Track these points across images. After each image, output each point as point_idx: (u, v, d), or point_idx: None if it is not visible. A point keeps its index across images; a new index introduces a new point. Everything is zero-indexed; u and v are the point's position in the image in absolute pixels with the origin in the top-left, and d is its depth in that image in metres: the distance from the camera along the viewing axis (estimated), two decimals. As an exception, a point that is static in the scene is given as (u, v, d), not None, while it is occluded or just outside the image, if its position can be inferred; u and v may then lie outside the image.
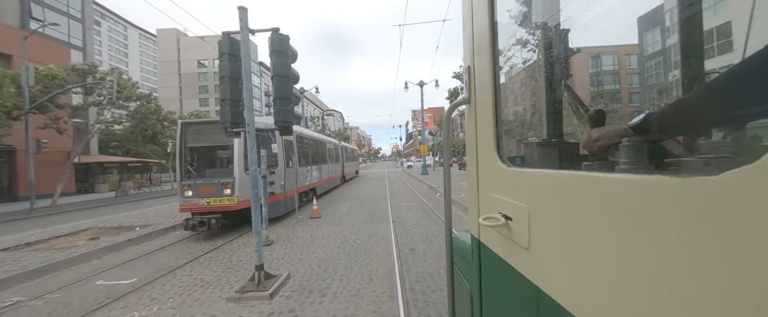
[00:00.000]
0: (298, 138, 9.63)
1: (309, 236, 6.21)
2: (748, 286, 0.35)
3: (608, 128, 0.97)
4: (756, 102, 0.47)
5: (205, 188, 6.48)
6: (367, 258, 4.79)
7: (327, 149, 14.43)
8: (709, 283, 0.39)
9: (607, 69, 1.44)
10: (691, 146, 0.76)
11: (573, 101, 1.18)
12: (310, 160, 10.96)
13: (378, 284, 3.80)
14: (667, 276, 0.44)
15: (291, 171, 8.44)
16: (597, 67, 1.48)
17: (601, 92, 1.59)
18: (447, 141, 1.27)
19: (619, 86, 1.47)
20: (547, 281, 0.73)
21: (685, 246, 0.42)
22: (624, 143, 0.70)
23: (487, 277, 1.07)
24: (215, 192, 6.42)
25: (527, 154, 1.18)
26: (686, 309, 0.42)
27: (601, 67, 1.46)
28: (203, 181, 6.58)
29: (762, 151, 0.34)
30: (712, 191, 0.39)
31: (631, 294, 0.51)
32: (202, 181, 6.58)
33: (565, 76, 1.28)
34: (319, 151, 12.60)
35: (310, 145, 11.44)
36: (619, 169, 0.69)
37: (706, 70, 0.92)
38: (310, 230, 6.78)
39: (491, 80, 0.98)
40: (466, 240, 1.31)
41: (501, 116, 0.99)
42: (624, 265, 0.52)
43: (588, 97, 1.41)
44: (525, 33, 1.34)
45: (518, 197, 0.84)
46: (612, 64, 1.43)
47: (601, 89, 1.59)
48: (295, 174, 8.80)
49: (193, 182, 6.54)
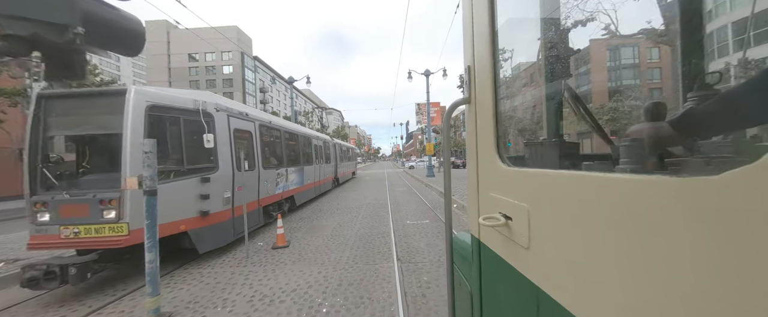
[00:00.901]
0: (262, 128, 6.81)
1: (251, 295, 3.44)
2: (748, 286, 0.35)
3: (651, 125, 0.95)
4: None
5: (70, 209, 3.65)
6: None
7: (313, 147, 11.34)
8: (709, 283, 0.39)
9: (626, 63, 1.43)
10: (691, 146, 0.76)
11: (573, 100, 1.18)
12: (283, 160, 8.02)
13: None
14: (667, 276, 0.44)
15: (247, 177, 5.77)
16: (615, 60, 1.47)
17: (620, 88, 1.57)
18: (447, 141, 1.27)
19: (639, 81, 1.46)
20: (547, 281, 0.73)
21: (685, 245, 0.42)
22: (624, 143, 0.71)
23: (487, 277, 1.07)
24: (89, 216, 3.62)
25: (527, 154, 1.18)
26: (686, 309, 0.42)
27: (619, 60, 1.45)
28: (69, 196, 3.67)
29: (762, 151, 0.34)
30: (712, 191, 0.39)
31: (631, 294, 0.51)
32: (68, 196, 3.67)
33: (565, 75, 1.29)
34: (299, 148, 9.58)
35: (283, 139, 8.24)
36: (618, 169, 0.69)
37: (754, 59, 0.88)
38: (261, 276, 3.97)
39: (491, 80, 0.98)
40: (466, 240, 1.31)
41: (501, 116, 0.99)
42: (624, 265, 0.52)
43: (604, 89, 1.39)
44: (525, 33, 1.34)
45: (518, 197, 0.84)
46: (631, 57, 1.41)
47: (620, 85, 1.58)
48: (257, 180, 6.24)
49: (51, 197, 3.66)
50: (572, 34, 1.26)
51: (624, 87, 1.79)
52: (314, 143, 11.68)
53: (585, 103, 1.17)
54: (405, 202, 10.12)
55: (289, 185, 8.28)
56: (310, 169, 10.49)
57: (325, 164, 13.08)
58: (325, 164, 13.25)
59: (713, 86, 0.95)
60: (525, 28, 1.34)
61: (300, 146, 9.79)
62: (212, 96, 5.29)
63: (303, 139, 10.18)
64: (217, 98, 5.34)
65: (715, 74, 0.98)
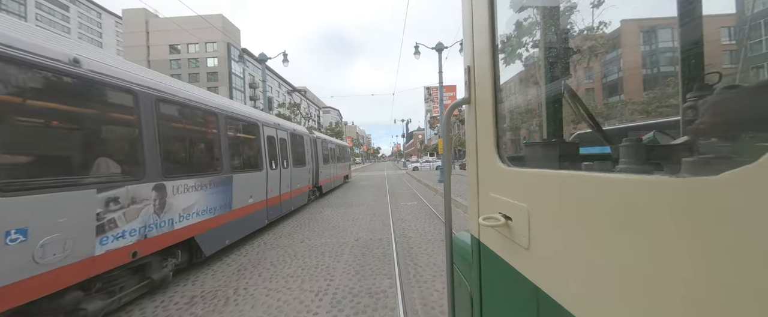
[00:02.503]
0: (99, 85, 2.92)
1: None
2: (748, 286, 0.35)
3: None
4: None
5: None
6: None
7: (264, 141, 6.57)
8: (709, 283, 0.39)
9: (626, 62, 1.43)
10: (691, 146, 0.76)
11: (573, 100, 1.18)
12: (144, 163, 3.37)
13: None
14: (667, 276, 0.45)
15: None
16: (615, 59, 1.47)
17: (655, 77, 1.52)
18: (447, 141, 1.28)
19: (639, 79, 1.46)
20: (547, 281, 0.73)
21: (685, 245, 0.42)
22: (624, 143, 0.71)
23: (487, 277, 1.08)
24: None
25: (527, 154, 1.18)
26: (686, 309, 0.42)
27: (619, 60, 1.44)
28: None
29: (762, 151, 0.34)
30: (712, 191, 0.39)
31: (631, 294, 0.51)
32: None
33: (565, 75, 1.29)
34: (224, 142, 4.96)
35: (177, 120, 4.12)
36: (619, 169, 0.69)
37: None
38: None
39: (491, 80, 0.98)
40: (466, 240, 1.31)
41: (501, 116, 0.99)
42: (624, 265, 0.52)
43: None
44: (525, 33, 1.34)
45: (518, 197, 0.84)
46: (632, 56, 1.40)
47: (620, 83, 1.57)
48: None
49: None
50: (572, 34, 1.26)
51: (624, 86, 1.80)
52: (266, 133, 6.67)
53: (585, 102, 1.17)
54: (420, 234, 5.64)
55: (161, 228, 3.49)
56: (251, 179, 5.74)
57: (294, 169, 8.38)
58: (296, 169, 8.58)
59: (713, 85, 0.95)
60: (525, 28, 1.34)
61: (221, 138, 4.87)
62: None
63: (219, 120, 4.88)
64: None
65: (715, 74, 0.99)
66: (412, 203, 9.47)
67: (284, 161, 7.78)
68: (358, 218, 7.57)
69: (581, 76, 1.55)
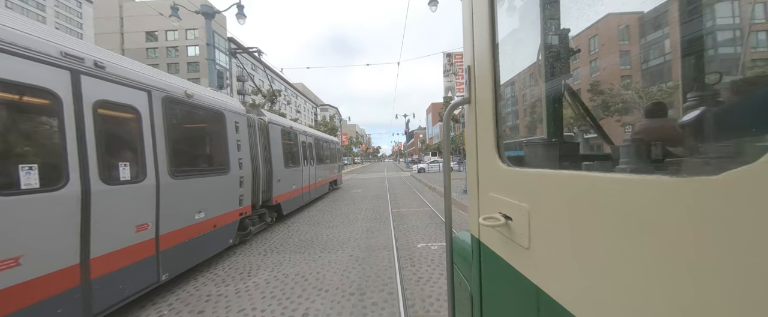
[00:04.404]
0: None
1: None
2: (748, 286, 0.36)
3: (657, 121, 0.94)
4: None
5: None
6: None
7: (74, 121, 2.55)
8: (709, 283, 0.39)
9: (626, 62, 1.42)
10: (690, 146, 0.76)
11: (573, 100, 1.18)
12: None
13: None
14: (667, 276, 0.45)
15: None
16: (615, 59, 1.47)
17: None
18: (447, 140, 1.28)
19: (639, 80, 1.45)
20: (547, 281, 0.73)
21: (685, 245, 0.42)
22: (624, 142, 0.71)
23: (487, 277, 1.08)
24: None
25: (527, 154, 1.18)
26: (686, 309, 0.42)
27: (620, 59, 1.44)
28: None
29: (762, 151, 0.34)
30: (712, 191, 0.39)
31: (631, 294, 0.51)
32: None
33: (565, 75, 1.29)
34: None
35: None
36: (619, 169, 0.69)
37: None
38: None
39: (491, 79, 0.98)
40: (466, 240, 1.31)
41: (501, 116, 0.99)
42: (624, 265, 0.52)
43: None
44: (525, 33, 1.34)
45: (518, 197, 0.84)
46: (631, 55, 1.39)
47: (620, 83, 1.56)
48: None
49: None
50: (572, 34, 1.26)
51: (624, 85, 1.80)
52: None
53: (585, 103, 1.17)
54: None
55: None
56: None
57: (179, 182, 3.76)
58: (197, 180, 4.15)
59: (713, 85, 0.95)
60: (525, 28, 1.34)
61: None
62: None
63: None
64: None
65: (714, 75, 0.99)
66: (430, 257, 4.40)
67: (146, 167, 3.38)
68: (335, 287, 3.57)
69: (581, 75, 1.55)
